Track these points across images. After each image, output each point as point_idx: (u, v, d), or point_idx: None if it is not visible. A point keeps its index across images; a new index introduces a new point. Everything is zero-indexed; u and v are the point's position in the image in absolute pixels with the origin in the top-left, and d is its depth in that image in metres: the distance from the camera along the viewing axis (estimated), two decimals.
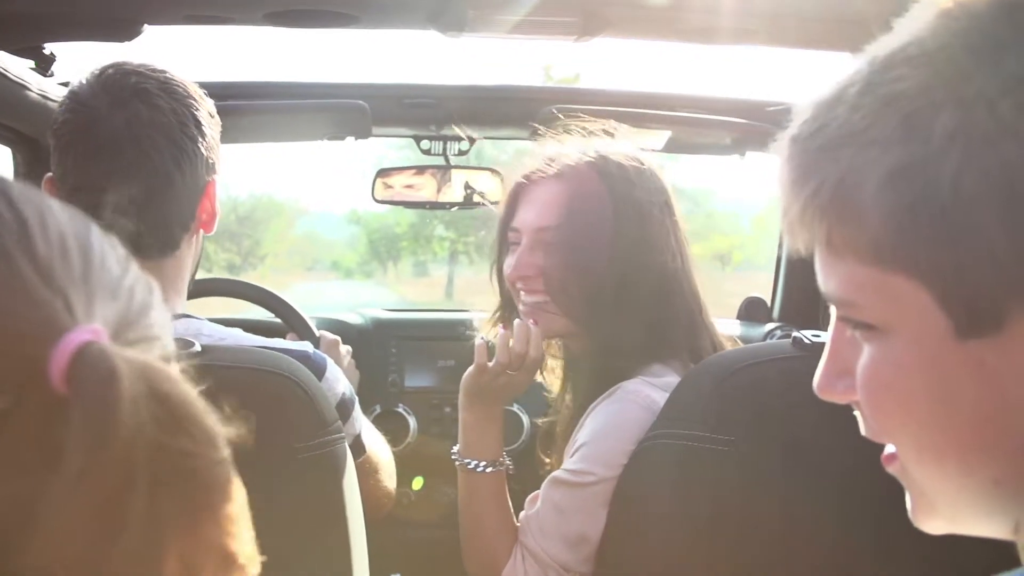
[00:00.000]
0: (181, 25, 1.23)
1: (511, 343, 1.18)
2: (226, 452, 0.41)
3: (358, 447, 1.19)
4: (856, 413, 0.55)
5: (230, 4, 1.20)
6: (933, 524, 0.54)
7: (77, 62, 1.25)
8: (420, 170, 1.87)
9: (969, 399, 0.47)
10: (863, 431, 0.55)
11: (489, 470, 1.21)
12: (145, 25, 1.20)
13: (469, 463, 1.21)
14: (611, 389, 1.14)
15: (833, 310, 0.53)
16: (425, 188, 1.88)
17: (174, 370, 0.42)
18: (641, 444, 1.06)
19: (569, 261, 1.16)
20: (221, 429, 0.42)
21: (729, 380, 1.02)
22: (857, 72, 0.49)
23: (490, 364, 1.20)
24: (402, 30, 1.29)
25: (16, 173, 1.48)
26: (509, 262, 1.22)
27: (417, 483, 1.99)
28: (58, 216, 0.44)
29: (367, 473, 1.24)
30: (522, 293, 1.21)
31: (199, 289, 1.66)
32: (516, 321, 1.20)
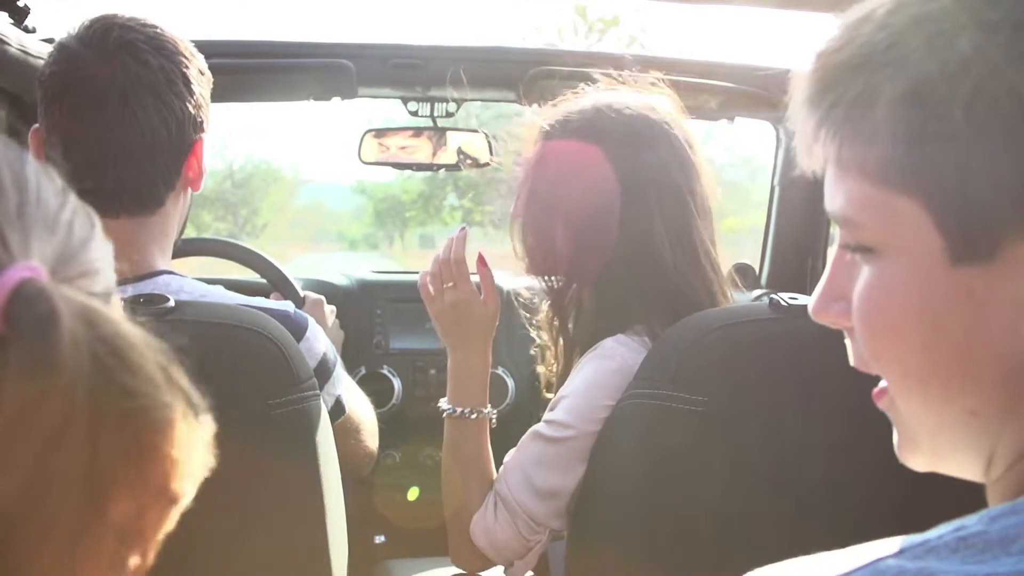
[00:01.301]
0: None
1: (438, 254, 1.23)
2: (172, 395, 0.40)
3: (338, 408, 1.20)
4: (847, 342, 0.56)
5: None
6: (916, 459, 0.55)
7: (62, 20, 1.23)
8: (416, 132, 1.86)
9: (955, 326, 0.47)
10: (852, 360, 0.56)
11: (473, 416, 1.22)
12: None
13: (453, 410, 1.23)
14: (595, 345, 1.15)
15: (835, 234, 0.54)
16: (419, 150, 1.87)
17: (116, 309, 0.42)
18: (618, 403, 1.07)
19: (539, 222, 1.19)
20: (168, 371, 0.41)
21: (703, 340, 1.02)
22: None
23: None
24: None
25: None
26: None
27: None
28: None
29: (348, 432, 1.25)
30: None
31: (185, 248, 1.66)
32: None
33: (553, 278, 1.22)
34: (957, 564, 0.40)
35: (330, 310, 1.65)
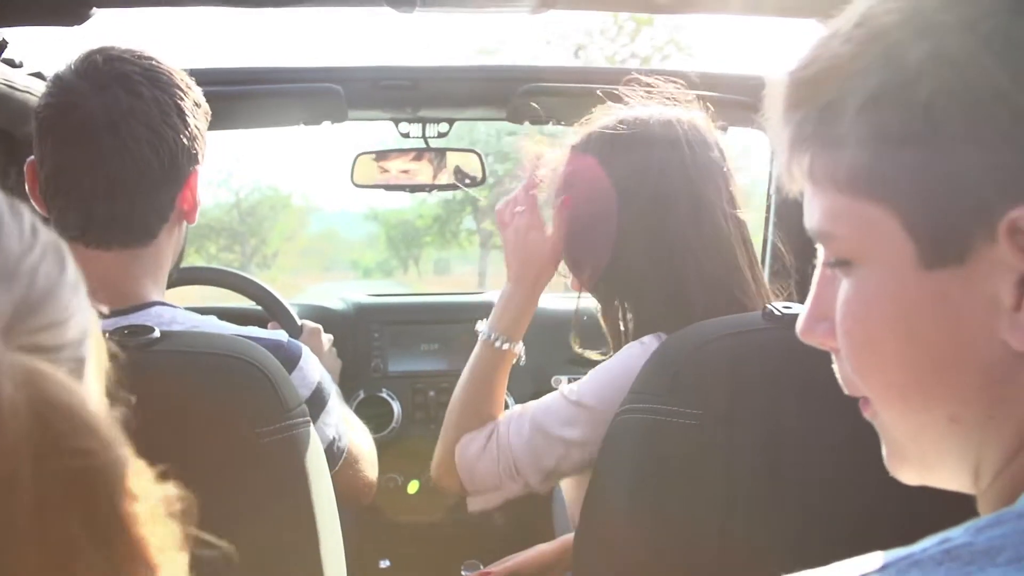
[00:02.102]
0: (130, 7, 1.22)
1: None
2: (124, 450, 0.39)
3: (337, 448, 1.19)
4: (834, 366, 0.56)
5: None
6: (905, 472, 0.55)
7: (52, 53, 1.24)
8: (418, 155, 1.86)
9: (932, 332, 0.47)
10: (839, 378, 0.56)
11: (499, 345, 1.25)
12: (94, 8, 1.19)
13: (487, 334, 1.26)
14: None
15: (820, 252, 0.55)
16: (420, 173, 1.88)
17: (62, 375, 0.40)
18: (615, 417, 1.06)
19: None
20: (114, 429, 0.40)
21: (697, 353, 1.01)
22: (854, 11, 0.51)
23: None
24: (355, 7, 1.27)
25: None
26: None
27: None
28: None
29: (346, 464, 1.24)
30: None
31: (181, 277, 1.66)
32: None
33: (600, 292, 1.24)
34: None
35: (327, 339, 1.65)
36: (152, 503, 0.40)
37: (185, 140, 1.08)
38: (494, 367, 1.25)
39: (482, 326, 1.28)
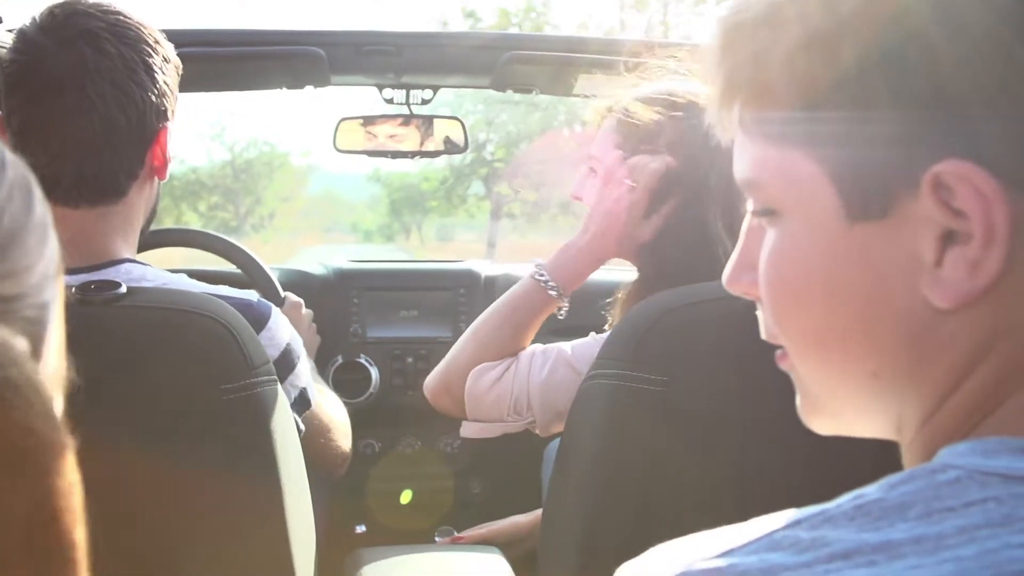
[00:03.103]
0: None
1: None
2: (64, 435, 0.36)
3: (303, 401, 1.20)
4: (758, 314, 0.56)
5: None
6: (819, 422, 0.54)
7: (27, 7, 1.23)
8: (405, 120, 1.86)
9: (854, 287, 0.47)
10: (762, 333, 0.55)
11: (553, 294, 1.23)
12: None
13: (541, 273, 1.23)
14: None
15: (748, 203, 0.54)
16: (407, 139, 1.87)
17: (15, 339, 0.36)
18: (581, 384, 1.06)
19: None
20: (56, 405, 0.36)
21: (664, 319, 1.01)
22: None
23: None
24: None
25: None
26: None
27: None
28: None
29: (318, 431, 1.25)
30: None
31: (160, 239, 1.66)
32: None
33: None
34: (853, 532, 0.40)
35: (308, 314, 1.65)
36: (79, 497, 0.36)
37: (153, 97, 1.07)
38: (535, 310, 1.23)
39: (539, 262, 1.25)
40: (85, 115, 1.04)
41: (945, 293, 0.44)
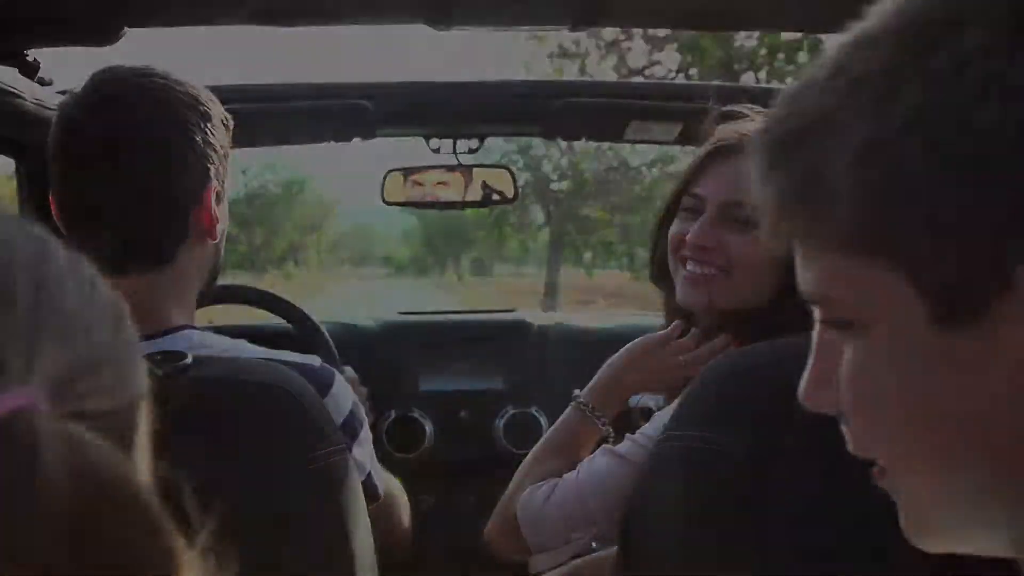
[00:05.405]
0: (162, 27, 1.20)
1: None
2: (175, 541, 0.35)
3: (370, 486, 1.15)
4: (843, 428, 0.53)
5: (212, 3, 1.17)
6: (928, 541, 0.52)
7: (78, 71, 1.23)
8: (449, 169, 1.85)
9: (951, 395, 0.45)
10: (850, 447, 0.53)
11: (595, 418, 1.22)
12: (126, 28, 1.18)
13: (586, 402, 1.22)
14: None
15: (816, 314, 0.52)
16: (451, 188, 1.86)
17: (111, 447, 0.36)
18: (656, 445, 1.02)
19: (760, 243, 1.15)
20: (164, 516, 0.36)
21: (745, 379, 0.97)
22: (827, 58, 0.48)
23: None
24: (389, 24, 1.25)
25: (20, 186, 1.48)
26: (686, 228, 1.19)
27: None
28: (6, 242, 0.39)
29: (386, 513, 1.21)
30: (690, 263, 1.19)
31: (222, 295, 1.63)
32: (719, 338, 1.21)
33: None
34: None
35: (362, 392, 1.61)
36: None
37: (192, 159, 1.05)
38: (584, 446, 1.21)
39: (581, 391, 1.24)
40: (118, 183, 1.02)
41: None
